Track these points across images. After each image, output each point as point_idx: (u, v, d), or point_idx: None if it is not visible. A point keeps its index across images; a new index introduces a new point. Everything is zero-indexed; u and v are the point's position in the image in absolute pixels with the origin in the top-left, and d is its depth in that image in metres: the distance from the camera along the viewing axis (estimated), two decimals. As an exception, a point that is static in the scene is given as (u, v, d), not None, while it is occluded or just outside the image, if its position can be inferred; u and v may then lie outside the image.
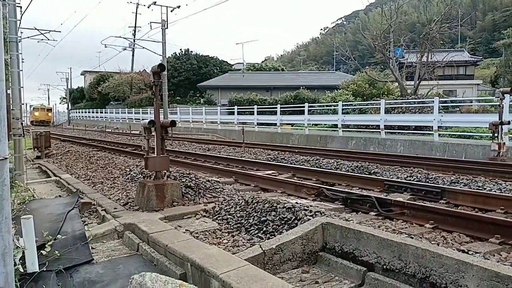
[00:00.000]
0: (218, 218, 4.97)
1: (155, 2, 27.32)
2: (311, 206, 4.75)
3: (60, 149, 15.76)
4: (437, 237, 4.34)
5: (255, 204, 4.90)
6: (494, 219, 4.43)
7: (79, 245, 4.21)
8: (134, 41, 32.69)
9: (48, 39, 22.26)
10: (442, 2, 29.25)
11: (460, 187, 6.80)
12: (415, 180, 7.53)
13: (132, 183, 7.42)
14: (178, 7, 26.87)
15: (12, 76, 8.17)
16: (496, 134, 10.33)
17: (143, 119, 6.78)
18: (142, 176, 7.61)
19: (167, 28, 27.46)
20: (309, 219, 4.15)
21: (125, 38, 32.19)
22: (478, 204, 5.62)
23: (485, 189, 6.62)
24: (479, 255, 3.64)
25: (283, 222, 4.31)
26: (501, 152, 10.10)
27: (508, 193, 6.12)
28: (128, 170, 8.72)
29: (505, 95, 10.84)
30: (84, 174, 9.19)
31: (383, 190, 6.89)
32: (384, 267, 3.34)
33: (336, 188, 6.60)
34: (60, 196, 6.98)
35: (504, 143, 10.36)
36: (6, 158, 2.31)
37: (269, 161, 10.98)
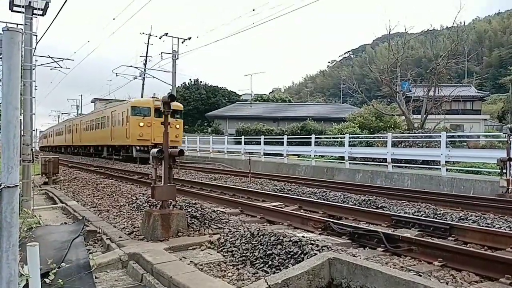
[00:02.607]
0: (223, 250, 4.92)
1: (167, 33, 28.06)
2: (317, 240, 4.70)
3: (67, 176, 15.84)
4: (446, 276, 4.26)
5: (261, 236, 4.86)
6: (504, 259, 4.34)
7: (83, 274, 4.17)
8: (145, 70, 33.33)
9: (61, 67, 22.78)
10: (448, 38, 29.66)
11: (469, 224, 6.70)
12: (423, 215, 7.43)
13: (138, 212, 7.40)
14: (189, 38, 27.55)
15: (24, 103, 8.33)
16: (504, 171, 10.25)
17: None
18: (148, 205, 7.60)
19: (177, 58, 28.07)
20: (315, 254, 4.10)
21: (136, 68, 32.90)
22: (487, 242, 5.52)
23: (494, 226, 6.51)
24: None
25: (289, 256, 4.26)
26: (509, 189, 9.98)
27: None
28: (135, 198, 8.72)
29: (512, 131, 10.82)
30: (90, 201, 9.20)
31: (390, 225, 6.80)
32: (392, 305, 3.26)
33: (343, 222, 6.54)
34: (65, 223, 6.97)
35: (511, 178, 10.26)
36: (16, 186, 2.34)
37: (276, 192, 10.94)
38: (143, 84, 34.13)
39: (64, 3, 9.40)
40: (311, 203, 8.85)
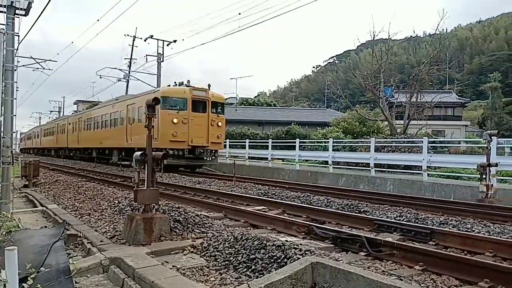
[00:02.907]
0: (206, 255, 4.90)
1: (152, 36, 27.88)
2: (301, 244, 4.72)
3: (48, 178, 15.57)
4: (427, 280, 4.31)
5: (245, 241, 4.85)
6: (483, 263, 4.43)
7: (63, 278, 4.10)
8: (129, 72, 33.03)
9: (44, 68, 22.42)
10: (430, 45, 30.21)
11: (449, 228, 6.80)
12: (405, 220, 7.52)
13: (120, 216, 7.32)
14: (175, 41, 27.42)
15: (5, 104, 8.18)
16: (484, 176, 10.44)
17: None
18: (130, 209, 7.52)
19: (162, 61, 27.93)
20: (298, 258, 4.11)
21: (120, 70, 32.55)
22: (467, 246, 5.61)
23: (474, 231, 6.62)
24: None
25: (272, 260, 4.26)
26: (489, 194, 10.17)
27: (497, 236, 6.13)
28: (117, 202, 8.62)
29: (492, 137, 11.05)
30: (71, 204, 9.05)
31: (373, 229, 6.86)
32: (374, 310, 3.29)
33: (326, 227, 6.57)
34: (45, 227, 6.84)
35: (492, 184, 10.45)
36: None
37: (260, 196, 10.93)
38: (127, 86, 33.80)
39: (46, 4, 9.27)
40: (295, 207, 8.87)
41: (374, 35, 25.17)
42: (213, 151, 19.97)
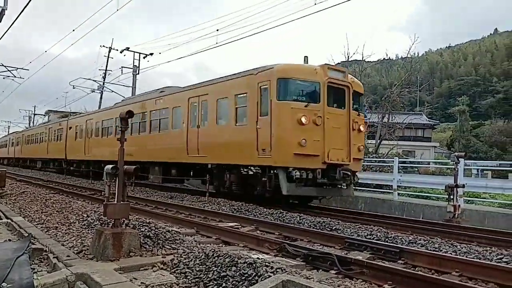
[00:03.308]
0: (176, 271, 4.82)
1: (128, 48, 27.71)
2: (272, 262, 4.72)
3: (14, 189, 15.04)
4: (395, 299, 4.37)
5: (216, 258, 4.81)
6: (449, 282, 4.53)
7: (25, 295, 3.95)
8: (103, 83, 32.60)
9: (15, 76, 21.89)
10: (402, 68, 31.19)
11: (418, 247, 6.93)
12: (375, 238, 7.63)
13: (88, 230, 7.12)
14: (151, 54, 27.34)
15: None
16: (451, 196, 10.72)
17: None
18: (99, 223, 7.34)
19: (138, 73, 27.73)
20: (270, 276, 4.10)
21: (95, 81, 32.11)
22: (434, 265, 5.73)
23: (441, 250, 6.77)
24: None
25: (243, 278, 4.23)
26: (456, 214, 10.44)
27: (463, 256, 6.29)
28: (86, 215, 8.40)
29: (459, 159, 11.41)
30: (38, 217, 8.76)
31: (343, 247, 6.92)
32: (343, 329, 3.28)
33: (298, 244, 6.60)
34: (9, 240, 6.59)
35: (459, 205, 10.75)
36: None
37: (233, 212, 10.89)
38: (101, 97, 33.32)
39: (20, 12, 9.12)
40: (267, 224, 8.89)
41: (348, 56, 25.81)
42: (353, 173, 12.16)
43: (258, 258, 4.84)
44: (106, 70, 34.16)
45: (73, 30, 22.68)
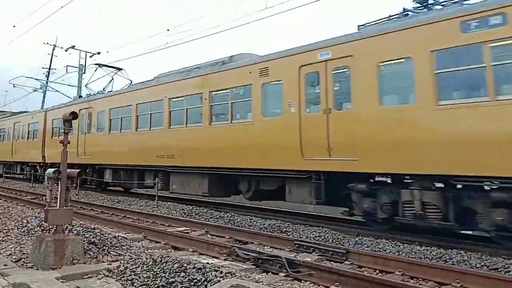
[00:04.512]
0: (123, 279, 4.66)
1: (74, 46, 26.65)
2: (222, 266, 4.69)
3: None
4: (342, 299, 4.48)
5: (164, 263, 4.70)
6: (392, 282, 4.72)
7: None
8: (47, 83, 31.08)
9: None
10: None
11: (363, 248, 7.16)
12: (323, 240, 7.80)
13: (28, 237, 6.74)
14: (98, 53, 26.38)
15: None
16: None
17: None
18: (40, 229, 6.97)
19: (84, 72, 26.73)
20: (219, 281, 4.08)
21: (37, 79, 30.56)
22: (379, 265, 5.94)
23: (385, 251, 7.03)
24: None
25: (192, 284, 4.17)
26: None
27: (406, 256, 6.57)
28: (25, 221, 7.94)
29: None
30: (-29, 224, 8.17)
31: (293, 249, 7.02)
32: (291, 331, 3.30)
33: (248, 248, 6.62)
34: None
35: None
36: None
37: (183, 216, 10.73)
38: (44, 97, 31.74)
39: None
40: (218, 227, 8.84)
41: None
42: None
43: (207, 263, 4.79)
44: (50, 68, 32.66)
45: (14, 26, 21.46)
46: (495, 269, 5.83)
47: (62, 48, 28.60)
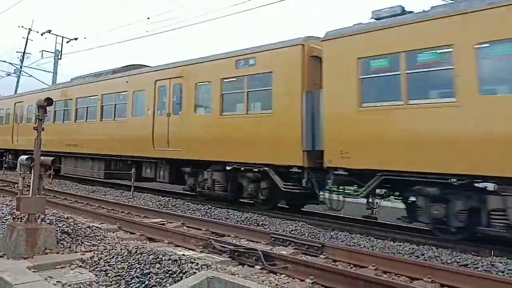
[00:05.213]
0: (96, 269, 4.60)
1: (50, 30, 25.94)
2: (198, 258, 4.67)
3: None
4: (316, 292, 4.53)
5: (139, 255, 4.65)
6: (366, 276, 4.80)
7: None
8: (21, 67, 30.17)
9: None
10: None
11: (338, 243, 7.26)
12: (299, 234, 7.87)
13: (-2, 226, 6.56)
14: (76, 39, 25.80)
15: None
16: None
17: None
18: (11, 218, 6.79)
19: (60, 58, 26.08)
20: (195, 273, 4.06)
21: (11, 63, 29.64)
22: (353, 260, 6.04)
23: (360, 245, 7.15)
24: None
25: (167, 275, 4.14)
26: (374, 211, 11.04)
27: (379, 251, 6.69)
28: (-5, 209, 7.73)
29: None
30: None
31: (269, 242, 7.06)
32: (266, 323, 3.34)
33: (225, 240, 6.62)
34: None
35: (377, 201, 11.37)
36: None
37: (159, 208, 10.64)
38: (18, 82, 30.81)
39: None
40: (195, 219, 8.81)
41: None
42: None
43: (183, 254, 4.76)
44: (24, 52, 31.67)
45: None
46: (465, 265, 6.00)
47: (38, 32, 27.80)
